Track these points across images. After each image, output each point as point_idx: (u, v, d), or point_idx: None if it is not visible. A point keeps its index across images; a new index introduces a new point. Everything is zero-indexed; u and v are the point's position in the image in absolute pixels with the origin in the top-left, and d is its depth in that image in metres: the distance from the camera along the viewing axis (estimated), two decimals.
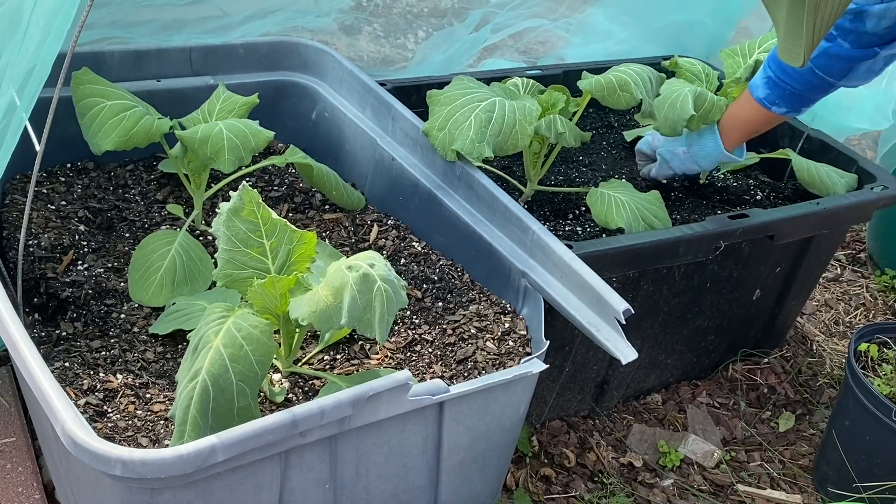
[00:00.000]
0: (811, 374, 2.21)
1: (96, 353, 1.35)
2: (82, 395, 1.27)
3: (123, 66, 1.76)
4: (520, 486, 1.75)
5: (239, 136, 1.51)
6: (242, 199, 1.25)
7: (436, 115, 1.66)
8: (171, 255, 1.47)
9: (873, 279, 2.58)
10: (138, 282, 1.46)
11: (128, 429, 1.23)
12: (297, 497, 1.21)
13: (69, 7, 1.14)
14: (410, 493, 1.36)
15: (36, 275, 1.46)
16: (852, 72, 1.65)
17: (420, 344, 1.46)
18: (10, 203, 1.61)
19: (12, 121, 1.23)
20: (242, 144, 1.50)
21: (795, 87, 1.72)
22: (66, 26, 1.15)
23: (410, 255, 1.66)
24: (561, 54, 2.62)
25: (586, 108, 1.99)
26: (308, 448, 1.17)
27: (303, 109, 1.94)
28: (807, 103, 1.76)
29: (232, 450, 1.04)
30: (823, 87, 1.72)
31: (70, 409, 1.03)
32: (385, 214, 1.77)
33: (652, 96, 1.83)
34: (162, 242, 1.49)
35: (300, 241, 1.28)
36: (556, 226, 1.83)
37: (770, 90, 1.76)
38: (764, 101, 1.77)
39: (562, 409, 1.92)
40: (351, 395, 1.13)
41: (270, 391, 1.32)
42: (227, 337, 1.14)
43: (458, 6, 2.88)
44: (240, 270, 1.27)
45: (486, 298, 1.56)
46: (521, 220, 1.50)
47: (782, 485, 1.90)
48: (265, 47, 1.91)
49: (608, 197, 1.76)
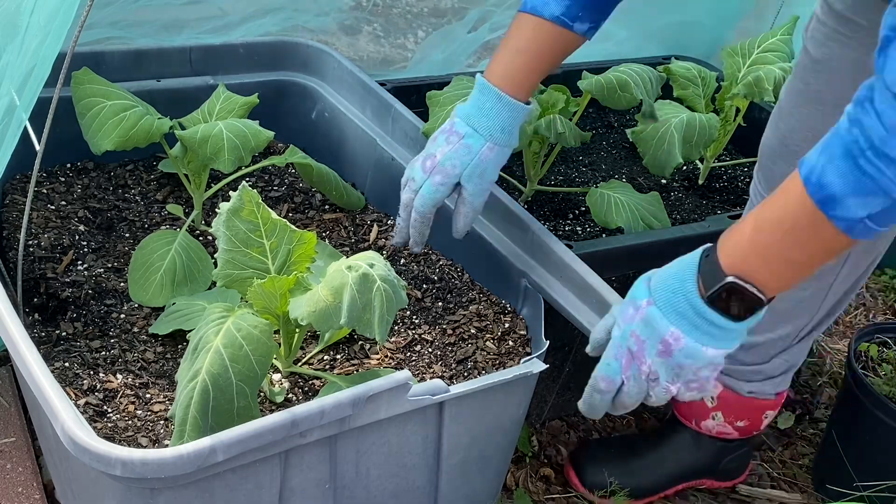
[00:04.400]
0: (811, 374, 2.21)
1: (96, 354, 1.35)
2: (82, 395, 1.27)
3: (123, 66, 1.76)
4: (520, 486, 1.75)
5: (239, 136, 1.51)
6: (242, 199, 1.25)
7: (436, 115, 1.66)
8: (170, 256, 1.47)
9: (873, 279, 2.58)
10: (138, 281, 1.46)
11: (128, 429, 1.23)
12: (297, 497, 1.21)
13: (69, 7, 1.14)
14: (410, 493, 1.36)
15: (36, 275, 1.46)
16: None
17: (420, 344, 1.46)
18: (10, 203, 1.61)
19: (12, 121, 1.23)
20: (242, 144, 1.50)
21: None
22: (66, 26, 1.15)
23: (410, 255, 1.66)
24: None
25: (586, 108, 1.99)
26: (308, 448, 1.17)
27: (303, 109, 1.94)
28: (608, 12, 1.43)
29: (232, 449, 1.04)
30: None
31: (70, 409, 1.03)
32: (385, 214, 1.77)
33: (652, 96, 1.83)
34: (162, 243, 1.49)
35: (300, 241, 1.28)
36: (556, 226, 1.83)
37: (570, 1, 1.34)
38: (562, 19, 1.35)
39: (562, 409, 1.92)
40: (351, 395, 1.13)
41: (270, 391, 1.32)
42: (227, 337, 1.14)
43: (458, 6, 2.88)
44: (240, 270, 1.27)
45: (486, 298, 1.56)
46: (521, 220, 1.50)
47: (782, 485, 1.90)
48: (265, 47, 1.91)
49: (608, 197, 1.76)
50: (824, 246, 1.05)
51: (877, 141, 0.94)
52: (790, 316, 1.60)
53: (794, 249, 1.05)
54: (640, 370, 1.12)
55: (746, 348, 1.63)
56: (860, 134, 0.96)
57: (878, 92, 0.94)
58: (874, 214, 0.98)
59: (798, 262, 1.07)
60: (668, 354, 1.10)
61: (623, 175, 2.06)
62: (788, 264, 1.07)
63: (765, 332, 1.61)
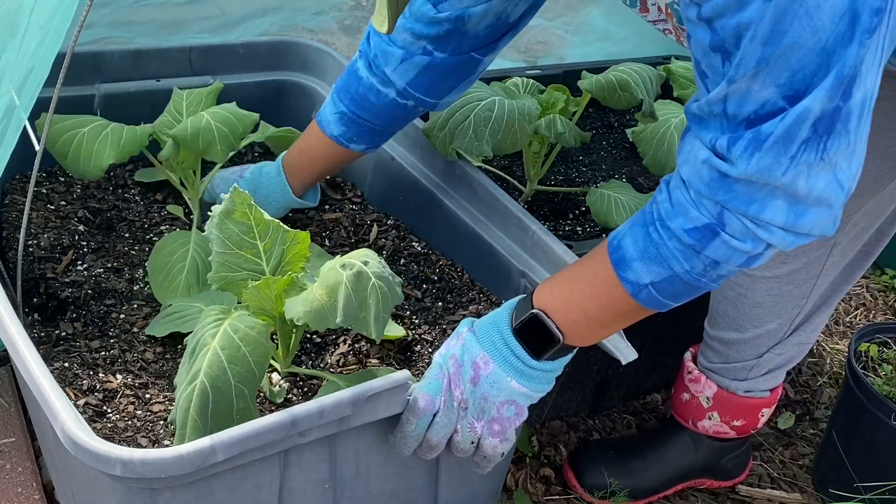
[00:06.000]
0: (811, 374, 2.21)
1: (96, 354, 1.35)
2: (82, 395, 1.27)
3: (123, 65, 1.76)
4: (519, 487, 1.75)
5: (227, 123, 1.51)
6: (234, 201, 1.24)
7: (436, 114, 1.66)
8: (191, 255, 1.47)
9: (873, 279, 2.58)
10: (162, 285, 1.45)
11: (127, 429, 1.23)
12: (296, 497, 1.21)
13: (68, 7, 1.14)
14: (410, 493, 1.36)
15: (35, 275, 1.46)
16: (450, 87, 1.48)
17: (420, 344, 1.45)
18: (10, 203, 1.61)
19: (12, 121, 1.23)
20: (231, 132, 1.50)
21: (375, 123, 1.51)
22: (66, 26, 1.15)
23: (410, 255, 1.66)
24: (560, 54, 2.62)
25: (586, 108, 1.99)
26: (308, 448, 1.17)
27: (303, 109, 1.94)
28: (387, 138, 1.58)
29: (232, 449, 1.04)
30: (408, 116, 1.53)
31: (70, 409, 1.03)
32: (385, 214, 1.77)
33: (652, 96, 1.83)
34: (178, 244, 1.49)
35: (293, 241, 1.28)
36: (556, 226, 1.83)
37: (346, 128, 1.52)
38: (340, 139, 1.54)
39: (562, 409, 1.92)
40: (350, 394, 1.13)
41: (270, 392, 1.32)
42: (224, 339, 1.14)
43: None
44: (234, 273, 1.27)
45: (486, 298, 1.56)
46: (521, 220, 1.50)
47: (782, 485, 1.90)
48: (265, 47, 1.91)
49: (608, 197, 1.76)
50: (615, 306, 1.15)
51: (663, 214, 1.08)
52: (775, 311, 1.61)
53: (589, 301, 1.16)
54: (454, 395, 1.19)
55: (734, 345, 1.66)
56: (654, 207, 1.10)
57: (674, 174, 1.09)
58: (657, 283, 1.10)
59: (592, 316, 1.17)
60: (476, 381, 1.18)
61: (623, 175, 2.06)
62: (583, 315, 1.17)
63: (750, 329, 1.63)
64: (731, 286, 1.63)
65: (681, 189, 1.07)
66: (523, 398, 1.19)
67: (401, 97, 1.48)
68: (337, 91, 1.53)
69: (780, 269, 1.57)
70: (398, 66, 1.44)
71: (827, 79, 0.94)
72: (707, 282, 1.10)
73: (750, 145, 0.99)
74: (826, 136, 0.97)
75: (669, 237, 1.07)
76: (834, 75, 0.93)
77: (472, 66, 1.46)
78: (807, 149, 0.98)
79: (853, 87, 0.95)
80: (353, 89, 1.50)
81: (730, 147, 1.00)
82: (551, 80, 2.05)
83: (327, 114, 1.54)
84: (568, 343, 1.19)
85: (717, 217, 1.04)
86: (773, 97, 0.96)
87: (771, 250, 1.07)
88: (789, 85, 0.95)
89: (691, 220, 1.05)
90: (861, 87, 0.96)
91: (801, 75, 0.94)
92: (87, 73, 1.71)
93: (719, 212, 1.03)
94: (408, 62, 1.43)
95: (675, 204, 1.07)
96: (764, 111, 0.97)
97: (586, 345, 1.23)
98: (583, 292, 1.17)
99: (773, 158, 0.98)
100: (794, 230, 1.03)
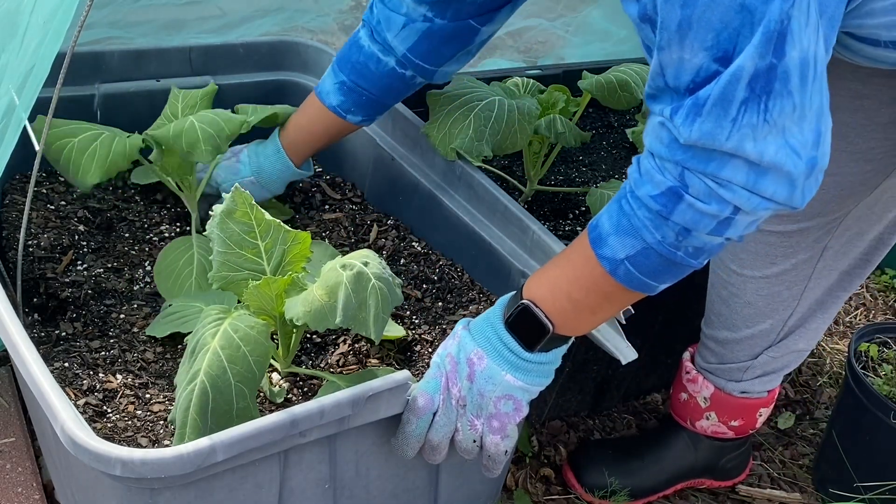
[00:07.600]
0: (811, 374, 2.21)
1: (96, 354, 1.35)
2: (82, 395, 1.27)
3: (123, 65, 1.76)
4: (519, 487, 1.75)
5: (212, 125, 1.50)
6: (235, 201, 1.24)
7: (436, 114, 1.66)
8: (196, 259, 1.48)
9: (873, 279, 2.58)
10: (172, 289, 1.46)
11: (127, 429, 1.23)
12: (296, 497, 1.21)
13: (68, 6, 1.14)
14: (410, 493, 1.36)
15: (35, 275, 1.46)
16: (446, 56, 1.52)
17: (420, 344, 1.45)
18: (10, 203, 1.61)
19: (12, 121, 1.23)
20: (217, 133, 1.50)
21: (373, 92, 1.55)
22: (66, 26, 1.15)
23: (410, 255, 1.66)
24: (560, 54, 2.62)
25: (586, 108, 1.99)
26: (308, 448, 1.17)
27: None
28: (383, 110, 1.61)
29: (232, 449, 1.04)
30: (405, 88, 1.57)
31: (70, 409, 1.03)
32: (385, 214, 1.77)
33: None
34: (182, 250, 1.50)
35: (294, 240, 1.28)
36: (556, 226, 1.83)
37: (345, 97, 1.56)
38: (338, 110, 1.57)
39: (562, 409, 1.92)
40: (350, 394, 1.13)
41: (270, 391, 1.32)
42: (224, 339, 1.14)
43: None
44: (235, 272, 1.27)
45: (486, 298, 1.56)
46: (521, 220, 1.50)
47: (782, 485, 1.90)
48: (265, 47, 1.91)
49: (608, 197, 1.76)
50: (598, 288, 1.14)
51: (633, 184, 1.08)
52: (766, 311, 1.62)
53: (573, 286, 1.16)
54: (452, 393, 1.19)
55: (728, 345, 1.66)
56: (627, 182, 1.11)
57: (644, 151, 1.09)
58: (632, 256, 1.09)
59: (578, 301, 1.16)
60: (472, 377, 1.18)
61: (623, 175, 2.06)
62: (569, 300, 1.16)
63: (742, 328, 1.63)
64: (724, 285, 1.63)
65: (648, 158, 1.07)
66: (520, 392, 1.19)
67: (399, 66, 1.53)
68: (338, 61, 1.58)
69: (770, 269, 1.58)
70: (399, 32, 1.49)
71: (755, 35, 0.94)
72: (683, 255, 1.08)
73: (690, 111, 0.99)
74: (765, 96, 0.97)
75: (639, 206, 1.08)
76: (761, 31, 0.94)
77: (471, 34, 1.50)
78: (747, 110, 0.98)
79: (784, 43, 0.95)
80: (353, 58, 1.55)
81: (672, 116, 1.01)
82: (551, 80, 2.05)
83: (327, 84, 1.58)
84: (559, 332, 1.18)
85: (679, 178, 1.04)
86: (705, 62, 0.97)
87: (742, 216, 1.05)
88: (717, 46, 0.96)
89: (656, 185, 1.05)
90: (796, 45, 0.96)
91: (726, 34, 0.95)
92: (87, 73, 1.71)
93: (680, 172, 1.03)
94: (409, 28, 1.48)
95: (644, 173, 1.07)
96: (700, 78, 0.98)
97: (579, 333, 1.22)
98: (567, 277, 1.17)
99: (714, 122, 0.99)
100: (756, 192, 1.02)
